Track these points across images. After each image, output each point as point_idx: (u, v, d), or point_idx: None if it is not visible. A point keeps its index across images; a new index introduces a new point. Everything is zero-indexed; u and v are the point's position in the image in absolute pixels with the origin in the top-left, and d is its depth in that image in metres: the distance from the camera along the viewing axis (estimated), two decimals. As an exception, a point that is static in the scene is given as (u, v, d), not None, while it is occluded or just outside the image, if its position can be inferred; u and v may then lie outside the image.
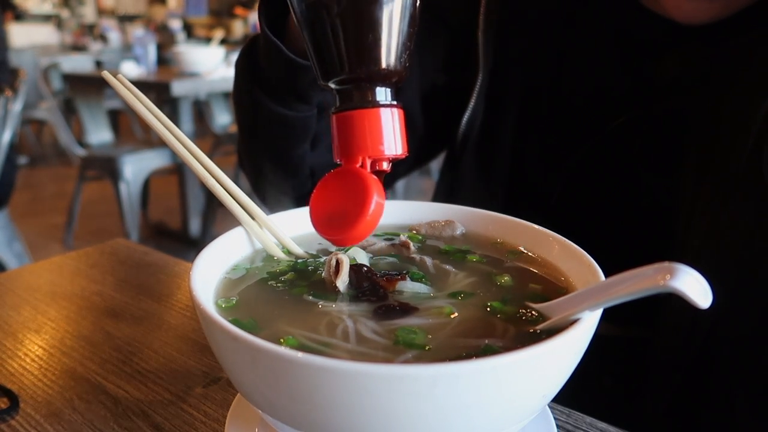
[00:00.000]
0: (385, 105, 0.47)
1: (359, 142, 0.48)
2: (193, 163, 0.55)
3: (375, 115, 0.47)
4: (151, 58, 4.02)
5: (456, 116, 0.87)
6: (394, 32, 0.46)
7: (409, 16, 0.47)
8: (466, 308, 0.47)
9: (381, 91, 0.47)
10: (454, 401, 0.34)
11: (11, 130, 2.35)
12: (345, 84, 0.48)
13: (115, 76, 0.57)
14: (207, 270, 0.49)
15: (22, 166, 5.62)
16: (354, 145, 0.48)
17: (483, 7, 0.85)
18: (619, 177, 0.81)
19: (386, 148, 0.48)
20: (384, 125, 0.48)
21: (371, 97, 0.47)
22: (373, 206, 0.46)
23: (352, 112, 0.48)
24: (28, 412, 0.58)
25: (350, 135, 0.48)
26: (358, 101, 0.47)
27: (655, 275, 0.34)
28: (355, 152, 0.48)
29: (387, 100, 0.48)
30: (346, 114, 0.48)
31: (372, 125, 0.47)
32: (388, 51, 0.46)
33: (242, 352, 0.37)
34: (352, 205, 0.47)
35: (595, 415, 0.56)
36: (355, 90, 0.48)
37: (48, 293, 0.83)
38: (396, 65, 0.47)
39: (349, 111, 0.48)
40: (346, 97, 0.48)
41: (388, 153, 0.48)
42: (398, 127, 0.49)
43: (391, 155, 0.48)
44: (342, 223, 0.47)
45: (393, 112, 0.48)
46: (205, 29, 9.87)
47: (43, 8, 12.07)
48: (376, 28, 0.45)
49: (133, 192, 3.47)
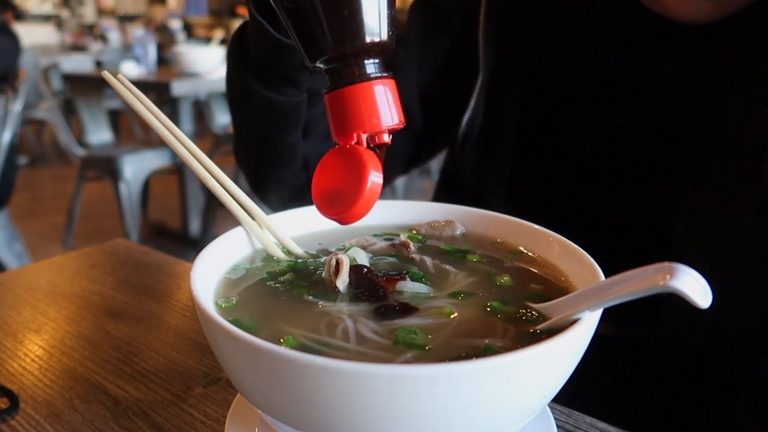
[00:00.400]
0: (375, 77, 0.47)
1: (354, 117, 0.47)
2: (193, 163, 0.55)
3: (366, 88, 0.47)
4: (151, 58, 4.02)
5: (456, 116, 0.87)
6: (375, 3, 0.45)
7: None
8: (466, 308, 0.47)
9: (370, 64, 0.47)
10: (454, 401, 0.34)
11: (11, 130, 2.35)
12: (333, 62, 0.47)
13: (115, 76, 0.57)
14: (207, 270, 0.49)
15: (22, 166, 5.62)
16: (349, 121, 0.47)
17: (483, 6, 0.85)
18: (619, 177, 0.81)
19: (383, 121, 0.47)
20: (377, 98, 0.47)
21: (360, 71, 0.47)
22: (369, 183, 0.46)
23: (343, 89, 0.47)
24: (28, 412, 0.58)
25: (344, 112, 0.47)
26: (347, 77, 0.47)
27: (655, 275, 0.34)
28: (350, 129, 0.47)
29: (377, 73, 0.47)
30: (338, 92, 0.47)
31: (365, 99, 0.47)
32: (372, 23, 0.45)
33: (242, 352, 0.37)
34: (350, 183, 0.47)
35: (595, 415, 0.56)
36: (344, 67, 0.47)
37: (48, 293, 0.83)
38: (382, 36, 0.46)
39: (339, 88, 0.47)
40: (336, 75, 0.47)
41: (384, 125, 0.47)
42: (392, 98, 0.48)
43: (388, 127, 0.47)
44: (341, 201, 0.47)
45: (384, 83, 0.47)
46: (205, 29, 9.87)
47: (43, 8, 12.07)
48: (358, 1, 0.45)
49: (133, 192, 3.47)
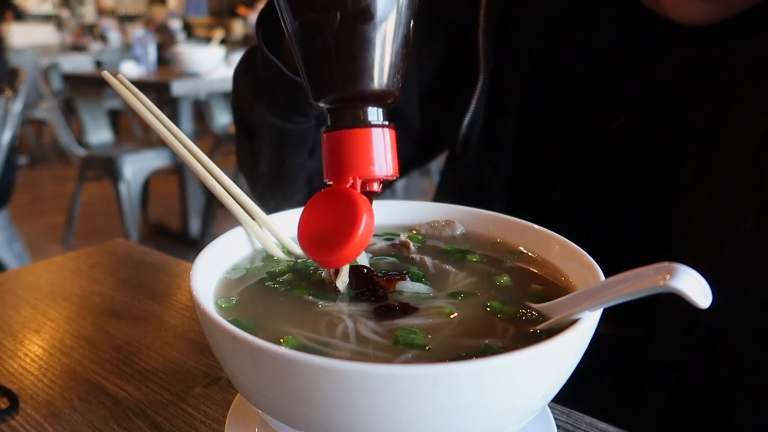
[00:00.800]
0: (376, 125, 0.47)
1: (350, 161, 0.47)
2: (193, 163, 0.55)
3: (366, 135, 0.46)
4: (151, 58, 4.01)
5: (456, 118, 0.87)
6: (387, 52, 0.45)
7: (402, 36, 0.46)
8: (466, 308, 0.47)
9: (373, 111, 0.47)
10: (454, 401, 0.34)
11: (11, 130, 2.35)
12: (336, 103, 0.47)
13: (115, 76, 0.57)
14: (207, 270, 0.49)
15: (22, 166, 5.62)
16: (344, 164, 0.47)
17: (483, 8, 0.85)
18: (619, 177, 0.81)
19: (377, 169, 0.47)
20: (375, 145, 0.47)
21: (363, 116, 0.46)
22: (363, 227, 0.45)
23: (343, 131, 0.47)
24: (28, 412, 0.58)
25: (341, 154, 0.47)
26: (349, 121, 0.47)
27: (655, 275, 0.34)
28: (345, 172, 0.47)
29: (379, 121, 0.47)
30: (338, 133, 0.47)
31: (363, 145, 0.46)
32: (381, 71, 0.45)
33: (242, 352, 0.37)
34: (341, 226, 0.46)
35: (595, 415, 0.56)
36: (347, 109, 0.47)
37: (48, 293, 0.83)
38: (388, 86, 0.46)
39: (340, 130, 0.47)
40: (338, 116, 0.47)
41: (379, 173, 0.47)
42: (389, 148, 0.48)
43: (382, 176, 0.47)
44: (331, 244, 0.46)
45: (384, 133, 0.47)
46: (205, 29, 9.87)
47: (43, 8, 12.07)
48: (368, 48, 0.45)
49: (133, 192, 3.47)
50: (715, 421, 0.72)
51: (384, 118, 0.47)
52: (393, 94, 0.47)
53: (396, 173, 0.48)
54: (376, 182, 0.48)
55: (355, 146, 0.46)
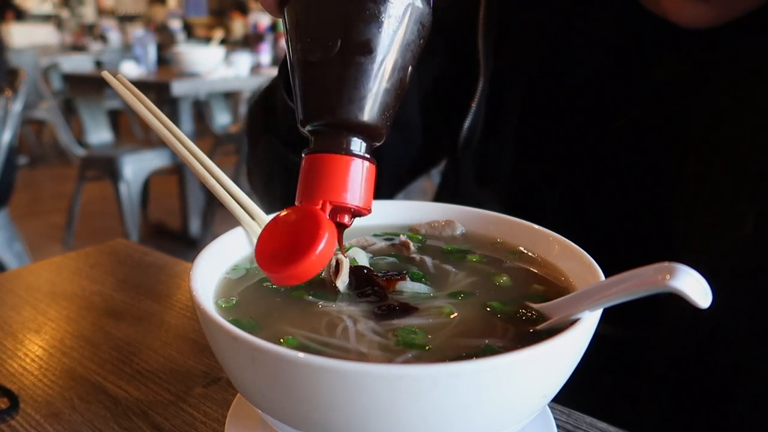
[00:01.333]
0: (357, 155, 0.46)
1: (323, 185, 0.46)
2: (193, 163, 0.55)
3: (344, 161, 0.46)
4: (151, 58, 4.02)
5: (457, 122, 0.87)
6: (380, 89, 0.45)
7: (398, 77, 0.46)
8: (466, 308, 0.47)
9: (356, 142, 0.46)
10: (454, 401, 0.34)
11: (11, 131, 2.35)
12: (323, 128, 0.47)
13: (115, 76, 0.57)
14: (207, 270, 0.49)
15: (22, 166, 5.62)
16: (317, 187, 0.46)
17: (482, 12, 0.85)
18: (619, 178, 0.81)
19: (349, 197, 0.46)
20: (351, 174, 0.46)
21: (345, 145, 0.46)
22: (322, 244, 0.43)
23: (323, 154, 0.46)
24: (28, 412, 0.58)
25: (316, 177, 0.46)
26: (330, 146, 0.46)
27: (655, 275, 0.34)
28: (316, 195, 0.46)
29: (360, 152, 0.47)
30: (316, 156, 0.47)
31: (339, 171, 0.46)
32: (371, 105, 0.45)
33: (242, 352, 0.37)
34: (300, 242, 0.44)
35: (595, 415, 0.56)
36: (331, 135, 0.47)
37: (48, 293, 0.83)
38: (377, 120, 0.46)
39: (319, 153, 0.47)
40: (321, 140, 0.47)
41: (351, 202, 0.46)
42: (365, 181, 0.47)
43: (353, 205, 0.46)
44: (286, 259, 0.44)
45: (363, 164, 0.47)
46: (205, 29, 9.87)
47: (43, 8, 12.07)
48: (362, 79, 0.45)
49: (133, 192, 3.47)
50: (715, 421, 0.72)
51: (366, 152, 0.47)
52: (380, 131, 0.47)
53: (368, 209, 0.48)
54: (347, 215, 0.47)
55: (331, 171, 0.46)
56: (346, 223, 0.48)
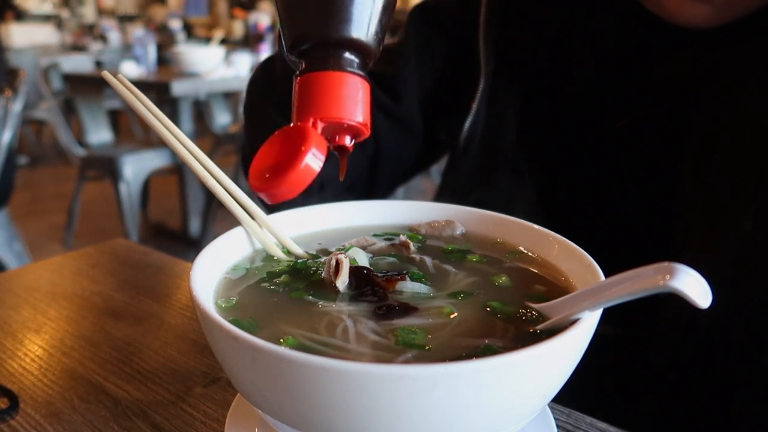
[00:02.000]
0: (349, 71, 0.45)
1: (314, 103, 0.45)
2: (193, 163, 0.55)
3: (336, 77, 0.45)
4: (151, 58, 4.02)
5: (458, 122, 0.87)
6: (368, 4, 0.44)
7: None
8: (466, 308, 0.47)
9: (347, 59, 0.45)
10: (454, 401, 0.34)
11: (11, 131, 2.35)
12: (313, 49, 0.45)
13: (115, 76, 0.57)
14: (207, 270, 0.49)
15: (22, 166, 5.62)
16: (309, 105, 0.45)
17: (483, 12, 0.85)
18: (620, 178, 0.81)
19: (344, 112, 0.45)
20: (344, 89, 0.45)
21: (336, 62, 0.45)
22: (307, 158, 0.43)
23: (313, 73, 0.45)
24: (28, 412, 0.58)
25: (308, 96, 0.45)
26: (321, 64, 0.45)
27: (655, 275, 0.34)
28: (308, 112, 0.45)
29: (352, 68, 0.45)
30: (307, 76, 0.45)
31: (331, 87, 0.45)
32: (361, 21, 0.44)
33: (242, 352, 0.37)
34: (287, 158, 0.44)
35: (595, 415, 0.56)
36: (321, 54, 0.45)
37: (48, 293, 0.83)
38: (367, 37, 0.45)
39: (311, 72, 0.45)
40: (311, 61, 0.46)
41: (346, 117, 0.45)
42: (361, 96, 0.46)
43: (346, 120, 0.45)
44: (273, 175, 0.44)
45: (356, 80, 0.45)
46: (205, 29, 9.87)
47: (43, 8, 12.07)
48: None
49: (133, 192, 3.47)
50: (714, 421, 0.72)
51: (360, 68, 0.46)
52: (369, 46, 0.45)
53: (367, 122, 0.46)
54: (346, 135, 0.46)
55: (322, 88, 0.45)
56: (346, 146, 0.47)
